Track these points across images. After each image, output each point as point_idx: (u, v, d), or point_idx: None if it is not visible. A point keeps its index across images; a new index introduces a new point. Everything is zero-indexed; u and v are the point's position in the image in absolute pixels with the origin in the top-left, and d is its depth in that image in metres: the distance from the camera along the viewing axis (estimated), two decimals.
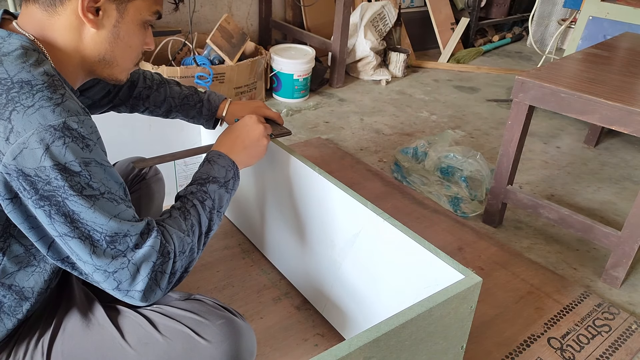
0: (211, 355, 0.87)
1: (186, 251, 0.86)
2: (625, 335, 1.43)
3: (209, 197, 0.95)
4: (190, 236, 0.88)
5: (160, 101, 1.27)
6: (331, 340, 1.33)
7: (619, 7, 2.66)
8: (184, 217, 0.89)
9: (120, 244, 0.77)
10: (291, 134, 1.47)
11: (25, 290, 0.84)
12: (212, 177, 0.99)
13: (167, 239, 0.83)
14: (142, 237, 0.79)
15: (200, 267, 1.54)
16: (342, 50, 2.99)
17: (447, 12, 3.95)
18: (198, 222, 0.91)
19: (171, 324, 0.89)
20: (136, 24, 0.87)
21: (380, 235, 1.09)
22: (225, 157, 1.04)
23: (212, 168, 1.01)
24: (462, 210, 1.96)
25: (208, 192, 0.96)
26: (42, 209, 0.73)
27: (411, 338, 0.84)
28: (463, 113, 2.92)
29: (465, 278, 0.91)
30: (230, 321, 0.91)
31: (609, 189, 2.22)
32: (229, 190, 1.02)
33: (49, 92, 0.73)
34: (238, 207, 1.69)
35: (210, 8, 3.09)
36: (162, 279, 0.81)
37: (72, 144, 0.73)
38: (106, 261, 0.76)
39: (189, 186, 0.97)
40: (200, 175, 0.99)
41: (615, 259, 1.60)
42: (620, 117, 1.46)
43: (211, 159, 1.03)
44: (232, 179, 1.03)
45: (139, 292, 0.79)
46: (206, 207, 0.94)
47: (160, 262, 0.81)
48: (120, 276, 0.77)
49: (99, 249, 0.76)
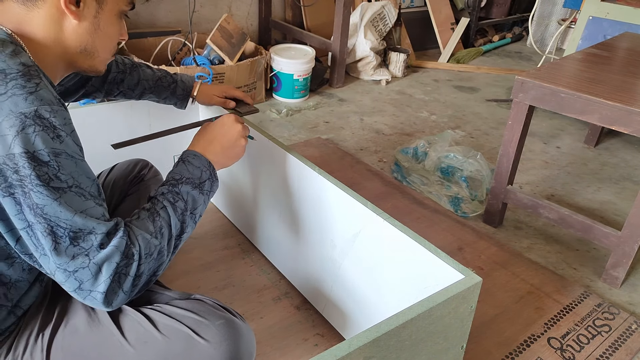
0: (210, 355, 0.87)
1: (153, 254, 0.82)
2: (625, 335, 1.43)
3: (181, 199, 0.91)
4: (158, 238, 0.84)
5: (134, 84, 1.31)
6: (331, 340, 1.33)
7: (619, 7, 2.66)
8: (152, 218, 0.86)
9: (84, 242, 0.75)
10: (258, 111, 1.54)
11: (10, 280, 0.84)
12: (186, 177, 0.95)
13: (133, 240, 0.80)
14: (108, 236, 0.77)
15: (200, 267, 1.54)
16: (342, 50, 2.99)
17: (447, 12, 3.95)
18: (168, 225, 0.87)
19: (171, 323, 0.89)
20: (114, 14, 0.88)
21: (380, 235, 1.09)
22: (200, 157, 1.00)
23: (185, 168, 0.97)
24: (462, 210, 1.96)
25: (180, 194, 0.92)
26: (11, 196, 0.72)
27: (411, 338, 0.84)
28: (463, 113, 2.92)
29: (465, 278, 0.91)
30: (230, 322, 0.91)
31: (609, 189, 2.22)
32: (205, 192, 0.97)
33: (22, 81, 0.73)
34: (238, 207, 1.69)
35: (210, 8, 3.09)
36: (125, 282, 0.78)
37: (43, 133, 0.72)
38: (66, 259, 0.74)
39: (161, 187, 0.93)
40: (173, 176, 0.95)
41: (615, 259, 1.60)
42: (620, 117, 1.46)
43: (185, 158, 0.99)
44: (209, 180, 0.98)
45: (101, 293, 0.76)
46: (177, 209, 0.90)
47: (124, 264, 0.77)
48: (82, 276, 0.75)
49: (61, 246, 0.73)
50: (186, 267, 1.54)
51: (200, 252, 1.61)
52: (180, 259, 1.56)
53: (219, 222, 1.76)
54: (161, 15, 2.89)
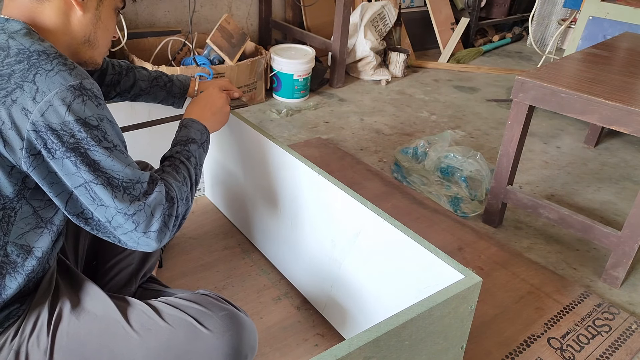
0: (213, 344, 0.90)
1: (184, 198, 0.94)
2: (625, 335, 1.43)
3: (192, 155, 1.06)
4: (186, 185, 0.97)
5: (130, 85, 1.35)
6: (331, 340, 1.33)
7: (619, 7, 2.66)
8: (176, 170, 0.99)
9: (134, 190, 0.85)
10: (247, 105, 1.65)
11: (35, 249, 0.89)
12: (192, 138, 1.09)
13: (169, 186, 0.92)
14: (149, 185, 0.88)
15: (200, 267, 1.54)
16: (342, 50, 2.99)
17: (447, 12, 3.95)
18: (188, 175, 1.01)
19: (175, 312, 0.93)
20: (112, 8, 0.97)
21: (380, 235, 1.09)
22: (198, 122, 1.14)
23: (189, 131, 1.10)
24: (462, 210, 1.96)
25: (190, 151, 1.06)
26: (69, 159, 0.80)
27: (411, 338, 0.84)
28: (463, 113, 2.92)
29: (465, 278, 0.91)
30: (233, 314, 0.95)
31: (609, 189, 2.22)
32: (205, 151, 1.13)
33: (62, 59, 0.82)
34: (238, 207, 1.69)
35: (210, 8, 3.09)
36: (170, 222, 0.89)
37: (89, 102, 0.82)
38: (126, 204, 0.83)
39: (173, 147, 1.06)
40: (181, 138, 1.08)
41: (615, 259, 1.60)
42: (620, 117, 1.46)
43: (187, 124, 1.13)
44: (207, 142, 1.14)
45: (155, 232, 0.86)
46: (192, 163, 1.04)
47: (167, 206, 0.89)
48: (139, 218, 0.85)
49: (119, 194, 0.83)
50: (186, 267, 1.54)
51: (200, 252, 1.61)
52: (180, 259, 1.56)
53: (219, 222, 1.76)
54: (161, 15, 2.89)
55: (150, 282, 1.25)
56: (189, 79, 1.47)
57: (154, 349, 0.89)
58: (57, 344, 0.89)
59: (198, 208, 1.82)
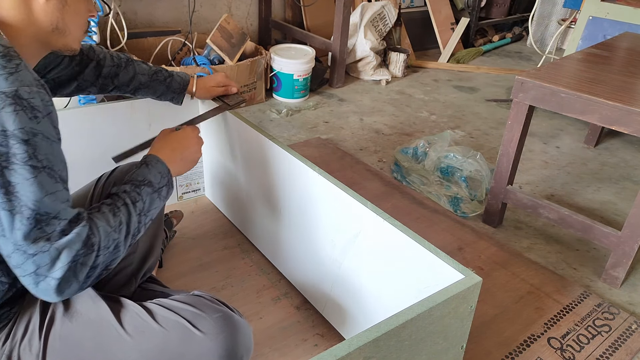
0: (207, 347, 0.88)
1: (110, 247, 0.83)
2: (625, 335, 1.43)
3: (141, 199, 0.93)
4: (117, 233, 0.85)
5: (129, 79, 1.32)
6: (331, 340, 1.33)
7: (619, 7, 2.66)
8: (113, 213, 0.86)
9: (47, 225, 0.75)
10: (245, 102, 1.62)
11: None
12: (148, 180, 0.97)
13: (94, 230, 0.80)
14: (70, 224, 0.77)
15: (199, 267, 1.54)
16: (342, 50, 2.99)
17: (447, 12, 3.95)
18: (127, 222, 0.88)
19: (168, 315, 0.91)
20: None
21: (380, 235, 1.09)
22: (162, 164, 1.02)
23: (149, 172, 0.99)
24: (462, 210, 1.96)
25: (141, 194, 0.93)
26: None
27: (411, 338, 0.83)
28: (463, 113, 2.92)
29: (465, 278, 0.91)
30: (227, 315, 0.93)
31: (609, 189, 2.22)
32: (161, 197, 0.99)
33: (3, 61, 0.75)
34: (238, 207, 1.69)
35: (210, 8, 3.09)
36: (82, 271, 0.78)
37: (22, 113, 0.73)
38: (28, 242, 0.74)
39: (123, 185, 0.94)
40: (136, 177, 0.96)
41: (615, 259, 1.60)
42: (620, 117, 1.46)
43: (149, 162, 1.01)
44: (166, 187, 1.01)
45: (56, 280, 0.75)
46: (137, 208, 0.91)
47: (83, 253, 0.78)
48: (40, 260, 0.74)
49: (25, 227, 0.73)
50: (185, 267, 1.54)
51: (199, 252, 1.61)
52: (180, 259, 1.56)
53: (219, 222, 1.76)
54: (161, 16, 2.89)
55: (149, 282, 1.24)
56: (188, 75, 1.45)
57: (147, 351, 0.88)
58: (49, 347, 0.88)
59: (198, 208, 1.82)
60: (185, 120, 1.37)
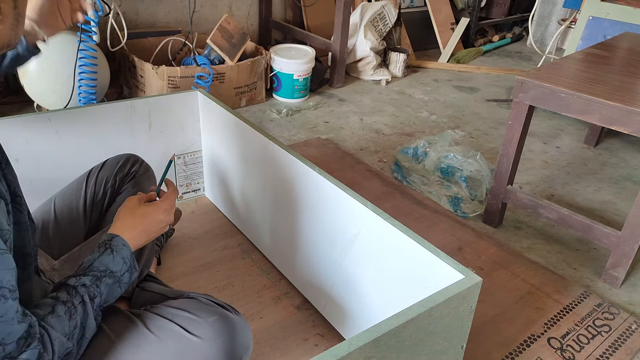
0: (204, 352, 0.87)
1: (62, 354, 0.75)
2: (625, 335, 1.43)
3: (99, 294, 0.84)
4: (72, 339, 0.77)
5: None
6: (331, 340, 1.33)
7: (619, 7, 2.66)
8: (69, 315, 0.77)
9: None
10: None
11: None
12: (110, 271, 0.87)
13: (47, 347, 0.71)
14: (19, 344, 0.67)
15: (200, 267, 1.54)
16: (342, 50, 2.99)
17: (447, 12, 3.95)
18: (82, 325, 0.79)
19: (163, 323, 0.90)
20: None
21: (380, 235, 1.09)
22: (128, 249, 0.91)
23: (112, 260, 0.88)
24: (462, 210, 1.96)
25: (100, 287, 0.84)
26: None
27: (411, 338, 0.84)
28: (463, 113, 2.92)
29: (465, 278, 0.91)
30: (224, 317, 0.92)
31: (609, 189, 2.22)
32: (121, 285, 0.90)
33: None
34: (238, 207, 1.69)
35: (211, 8, 3.09)
36: None
37: None
38: None
39: (83, 277, 0.83)
40: (98, 267, 0.86)
41: (615, 259, 1.60)
42: (620, 117, 1.46)
43: (115, 247, 0.90)
44: (127, 272, 0.91)
45: None
46: (95, 306, 0.83)
47: None
48: None
49: None
50: (186, 267, 1.54)
51: (200, 252, 1.61)
52: (180, 259, 1.56)
53: (219, 222, 1.76)
54: (161, 16, 2.89)
55: (148, 281, 1.24)
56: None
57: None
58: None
59: (198, 208, 1.82)
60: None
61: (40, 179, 1.36)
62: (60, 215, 1.18)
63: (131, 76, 2.51)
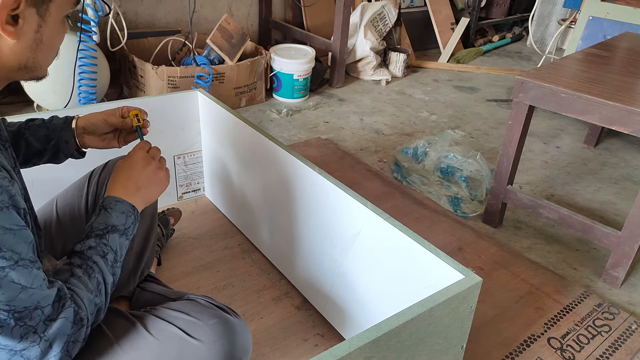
0: (204, 355, 0.87)
1: (94, 312, 0.79)
2: (625, 335, 1.43)
3: (110, 250, 0.85)
4: (99, 296, 0.80)
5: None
6: (331, 340, 1.33)
7: (619, 7, 2.66)
8: (89, 275, 0.80)
9: (30, 319, 0.68)
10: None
11: None
12: (111, 226, 0.87)
13: (80, 304, 0.75)
14: (54, 307, 0.70)
15: (200, 267, 1.54)
16: (342, 50, 2.99)
17: (447, 12, 3.95)
18: (103, 280, 0.82)
19: (163, 325, 0.89)
20: (58, 22, 0.77)
21: (380, 235, 1.09)
22: (123, 202, 0.91)
23: (109, 216, 0.88)
24: (462, 210, 1.96)
25: (109, 245, 0.85)
26: None
27: (411, 338, 0.84)
28: (463, 113, 2.92)
29: (465, 278, 0.91)
30: (224, 320, 0.92)
31: (609, 189, 2.22)
32: (129, 237, 0.91)
33: None
34: (238, 207, 1.69)
35: (210, 8, 3.09)
36: (75, 348, 0.74)
37: None
38: (14, 341, 0.67)
39: (87, 240, 0.84)
40: (98, 226, 0.86)
41: (615, 259, 1.60)
42: (620, 117, 1.46)
43: (108, 206, 0.90)
44: (132, 225, 0.91)
45: None
46: (108, 262, 0.84)
47: (74, 331, 0.73)
48: (30, 353, 0.68)
49: (6, 329, 0.66)
50: (186, 267, 1.54)
51: (200, 252, 1.61)
52: (181, 260, 1.56)
53: (219, 222, 1.76)
54: (161, 16, 2.90)
55: (149, 281, 1.24)
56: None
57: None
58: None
59: (198, 208, 1.82)
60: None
61: (41, 180, 1.36)
62: (62, 216, 1.18)
63: (131, 76, 2.51)
